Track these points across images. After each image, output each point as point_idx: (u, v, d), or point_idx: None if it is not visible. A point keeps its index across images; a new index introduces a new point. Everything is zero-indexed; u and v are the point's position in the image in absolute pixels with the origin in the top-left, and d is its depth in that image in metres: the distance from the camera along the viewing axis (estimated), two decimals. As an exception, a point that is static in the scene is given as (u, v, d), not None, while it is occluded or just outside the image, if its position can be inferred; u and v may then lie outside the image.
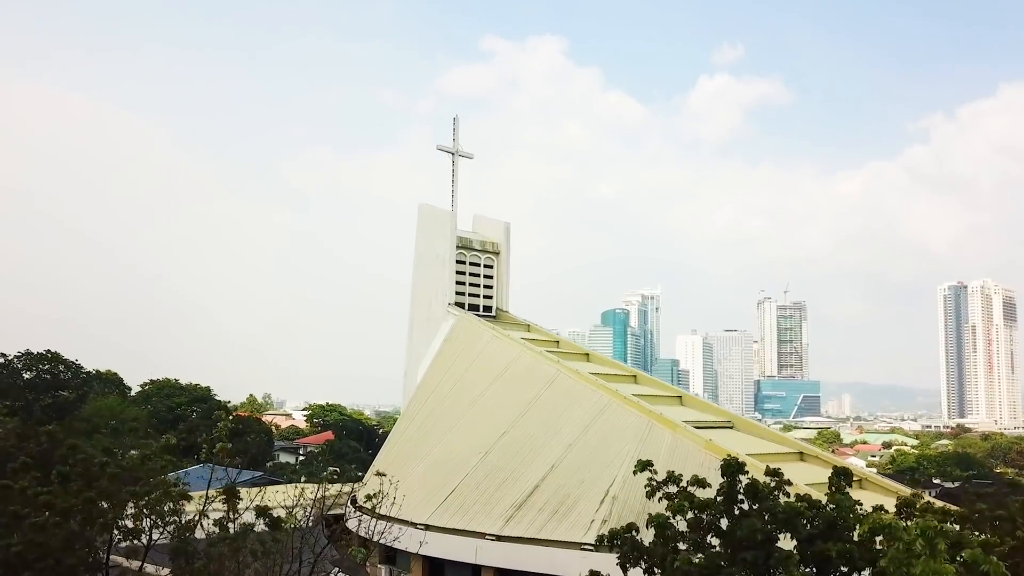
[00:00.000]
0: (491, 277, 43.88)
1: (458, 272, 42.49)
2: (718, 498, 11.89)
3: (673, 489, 12.61)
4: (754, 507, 11.43)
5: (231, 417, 56.55)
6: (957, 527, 11.71)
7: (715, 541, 11.72)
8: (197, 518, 13.18)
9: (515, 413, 32.11)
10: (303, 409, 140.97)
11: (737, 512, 11.53)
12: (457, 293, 42.15)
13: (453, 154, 43.78)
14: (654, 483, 12.87)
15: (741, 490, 11.72)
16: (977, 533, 12.00)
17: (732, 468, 11.92)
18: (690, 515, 11.85)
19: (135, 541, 12.80)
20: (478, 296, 43.18)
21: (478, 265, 43.51)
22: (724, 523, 11.70)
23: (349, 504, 31.11)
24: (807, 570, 9.90)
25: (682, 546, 11.78)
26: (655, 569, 11.45)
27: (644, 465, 12.95)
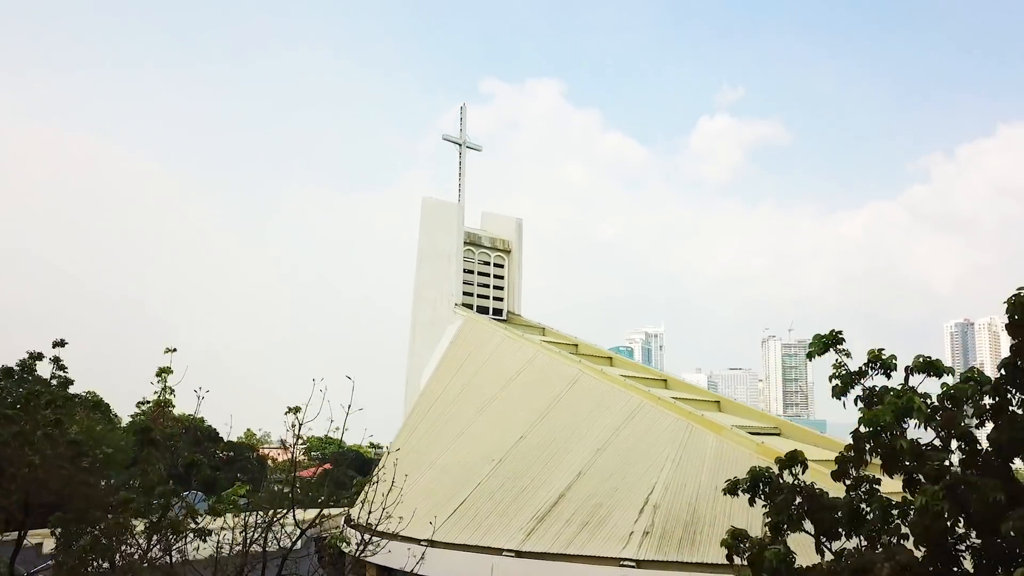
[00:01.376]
0: (501, 278, 40.11)
1: (465, 271, 38.76)
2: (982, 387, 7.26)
3: (877, 381, 8.36)
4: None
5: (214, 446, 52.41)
6: None
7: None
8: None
9: (533, 416, 28.14)
10: (301, 442, 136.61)
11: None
12: (464, 294, 38.38)
13: (460, 145, 40.35)
14: (843, 371, 8.60)
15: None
16: None
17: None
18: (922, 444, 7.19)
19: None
20: (487, 298, 39.36)
21: (487, 264, 39.79)
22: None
23: (342, 523, 27.62)
24: None
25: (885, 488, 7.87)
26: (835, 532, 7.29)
27: (826, 344, 8.59)
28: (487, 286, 39.49)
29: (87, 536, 8.64)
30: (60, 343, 13.97)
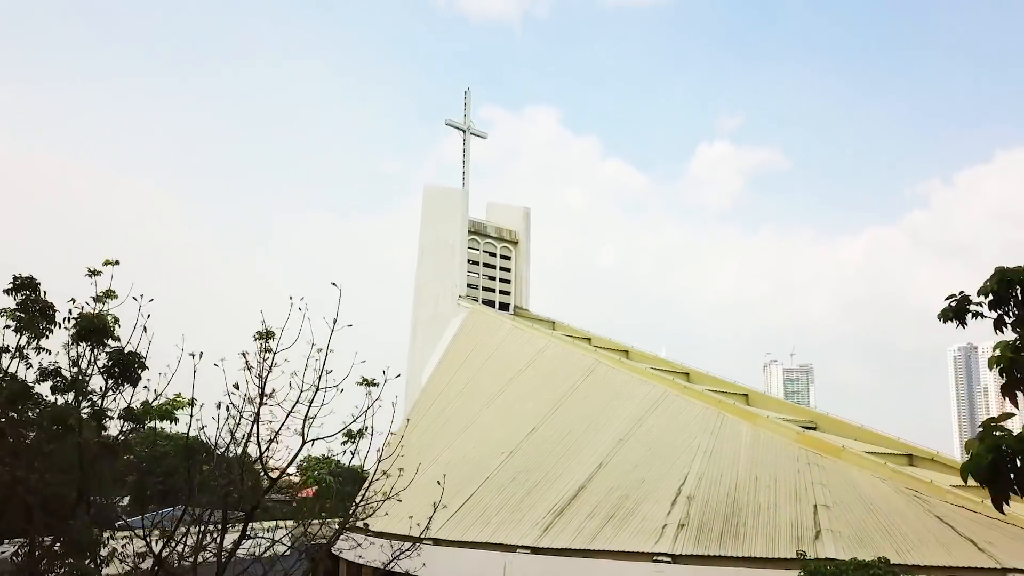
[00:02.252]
0: (508, 270, 37.69)
1: (470, 263, 36.35)
2: None
3: None
4: None
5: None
6: None
7: None
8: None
9: (546, 407, 25.62)
10: (298, 462, 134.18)
11: None
12: (469, 286, 35.94)
13: (464, 131, 38.12)
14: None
15: None
16: None
17: None
18: None
19: None
20: (493, 291, 36.93)
21: (493, 255, 37.40)
22: None
23: (337, 528, 24.94)
24: None
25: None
26: None
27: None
28: (493, 279, 37.08)
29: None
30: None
